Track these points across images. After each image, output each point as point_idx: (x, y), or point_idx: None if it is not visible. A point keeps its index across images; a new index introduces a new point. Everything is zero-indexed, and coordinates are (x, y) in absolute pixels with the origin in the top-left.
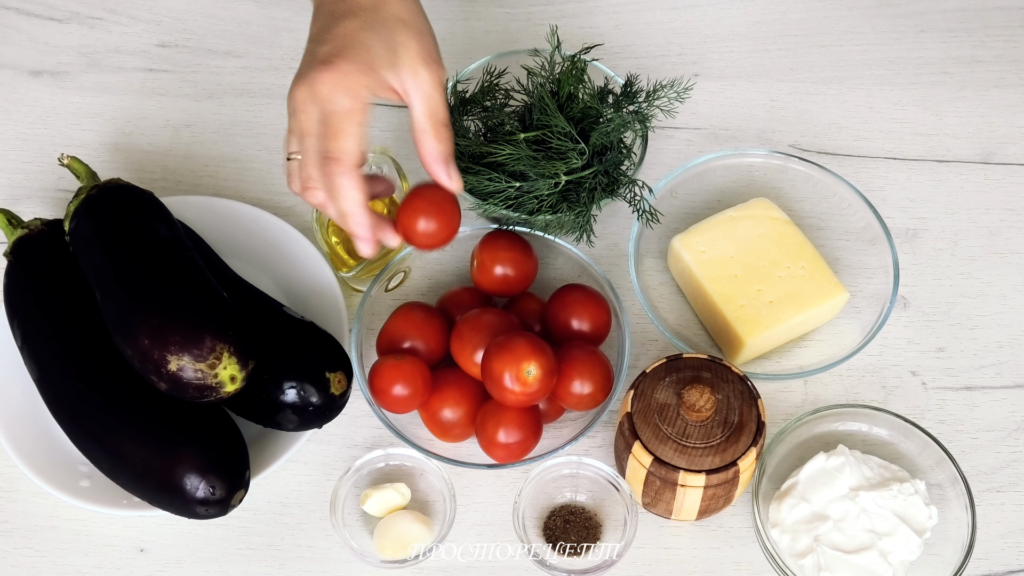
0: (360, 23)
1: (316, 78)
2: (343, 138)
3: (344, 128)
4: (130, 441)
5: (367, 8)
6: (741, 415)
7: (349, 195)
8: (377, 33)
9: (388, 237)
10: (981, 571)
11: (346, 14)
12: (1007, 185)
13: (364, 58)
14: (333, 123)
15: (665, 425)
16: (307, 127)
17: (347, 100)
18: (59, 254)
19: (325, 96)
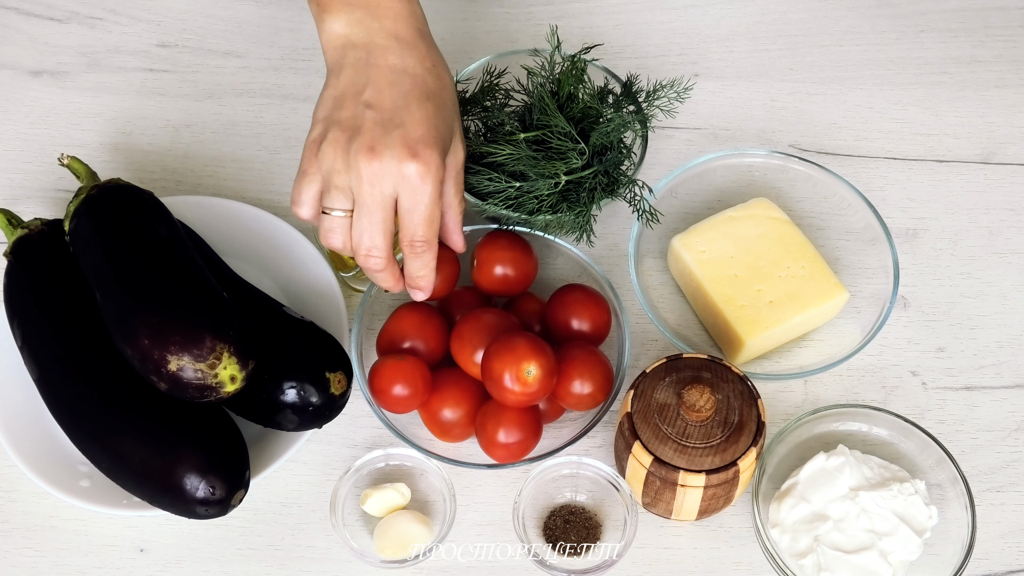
0: (435, 107)
1: (407, 167)
2: (436, 223)
3: (435, 213)
4: (130, 441)
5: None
6: (741, 415)
7: (431, 264)
8: (446, 119)
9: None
10: (981, 571)
11: (420, 95)
12: (1007, 185)
13: (444, 145)
14: (426, 212)
15: (665, 425)
16: (379, 201)
17: (435, 188)
18: (59, 254)
19: (416, 186)
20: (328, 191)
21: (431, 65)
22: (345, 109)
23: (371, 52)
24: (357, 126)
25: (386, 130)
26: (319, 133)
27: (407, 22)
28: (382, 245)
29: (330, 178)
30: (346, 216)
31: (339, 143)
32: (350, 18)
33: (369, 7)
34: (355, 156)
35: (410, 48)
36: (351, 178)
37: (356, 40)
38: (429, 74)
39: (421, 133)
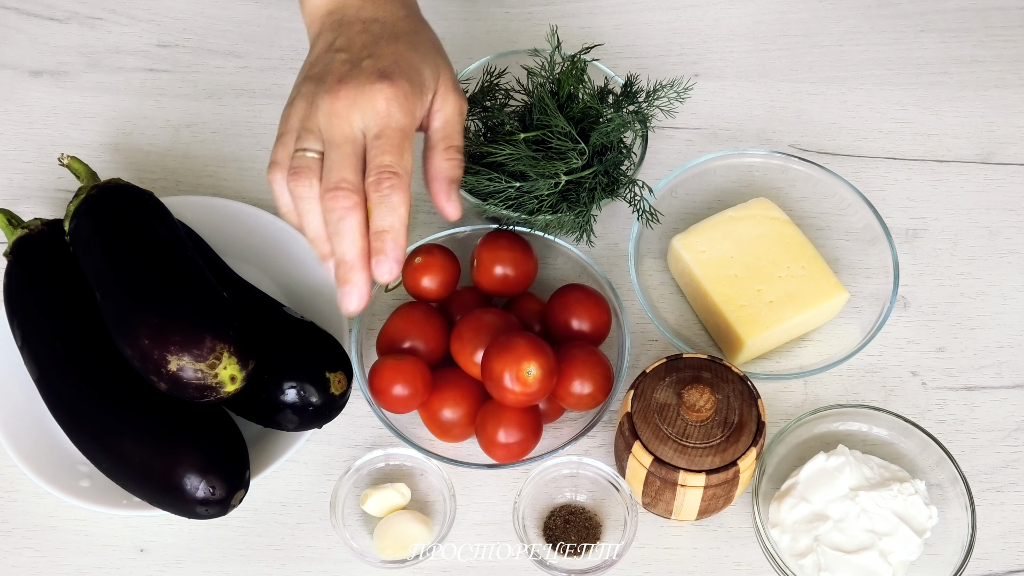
0: (407, 45)
1: (373, 89)
2: (406, 154)
3: (405, 145)
4: (130, 441)
5: (407, 32)
6: (741, 415)
7: (400, 211)
8: (424, 57)
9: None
10: (981, 571)
11: (390, 35)
12: (1007, 185)
13: (418, 80)
14: (394, 138)
15: (665, 425)
16: (346, 133)
17: (406, 118)
18: (59, 254)
19: (382, 109)
20: (299, 137)
21: (405, 14)
22: (317, 64)
23: (345, 13)
24: (324, 71)
25: (352, 64)
26: (293, 95)
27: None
28: (351, 179)
29: (300, 124)
30: (316, 156)
31: (309, 93)
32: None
33: None
34: (321, 96)
35: (384, 3)
36: (319, 117)
37: (333, 7)
38: (402, 20)
39: (389, 63)
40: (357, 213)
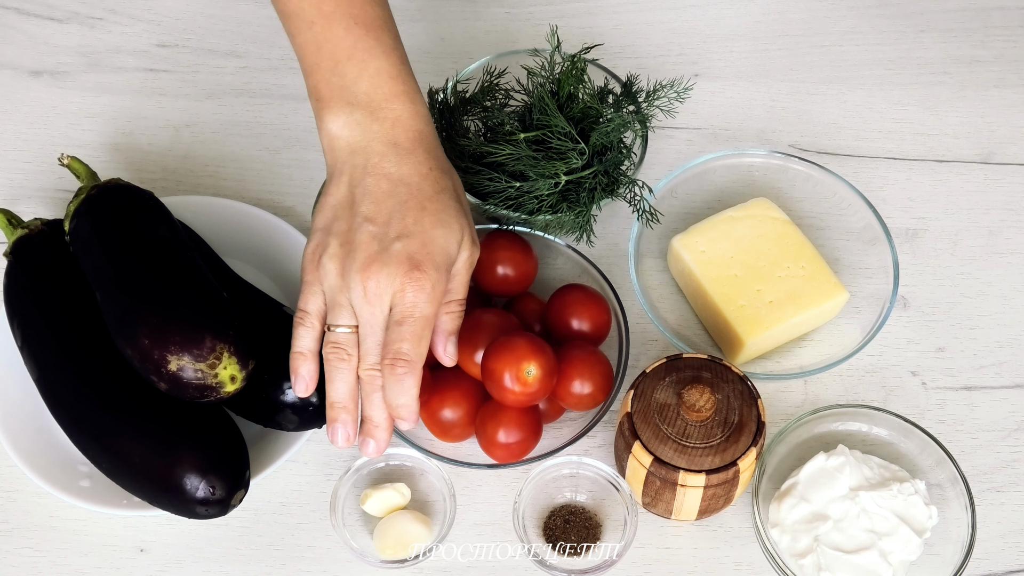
0: (433, 219)
1: (404, 279)
2: (423, 342)
3: (424, 334)
4: (130, 441)
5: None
6: (741, 415)
7: (412, 391)
8: (449, 228)
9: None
10: (981, 571)
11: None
12: (1007, 185)
13: (444, 263)
14: (415, 328)
15: (665, 425)
16: (378, 319)
17: (430, 307)
18: (59, 254)
19: (410, 301)
20: (332, 308)
21: (427, 171)
22: (342, 220)
23: (368, 159)
24: (354, 241)
25: (382, 245)
26: (318, 243)
27: (406, 127)
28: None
29: (333, 295)
30: (352, 332)
31: (338, 257)
32: (349, 119)
33: (370, 108)
34: (353, 275)
35: (407, 155)
36: (351, 296)
37: (355, 145)
38: (425, 181)
39: (418, 245)
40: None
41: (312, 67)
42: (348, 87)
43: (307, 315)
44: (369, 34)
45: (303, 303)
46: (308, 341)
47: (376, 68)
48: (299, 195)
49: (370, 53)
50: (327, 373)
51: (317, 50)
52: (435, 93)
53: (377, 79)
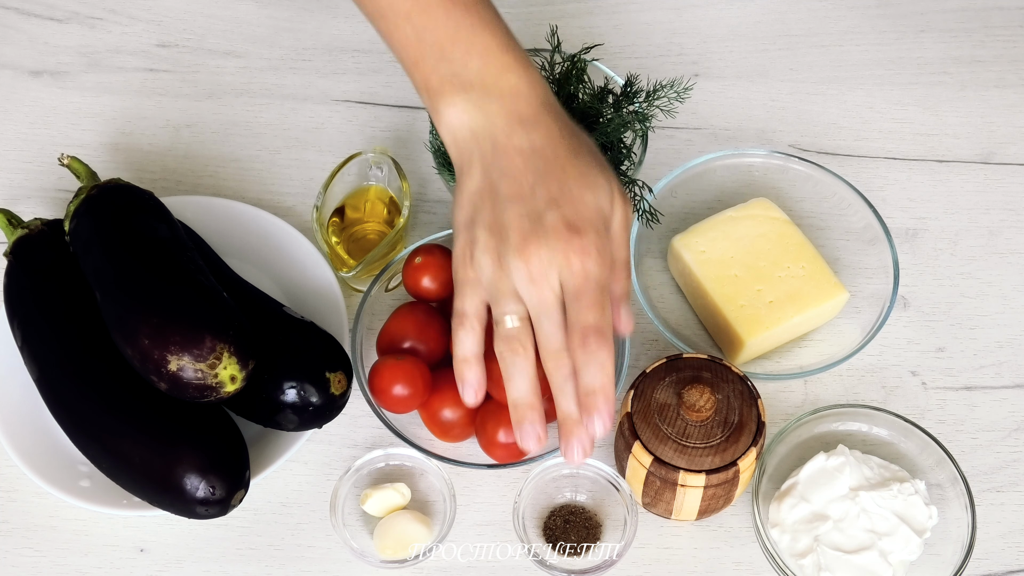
0: (577, 180)
1: (566, 248)
2: (606, 308)
3: (604, 299)
4: (130, 441)
5: (569, 156)
6: (741, 415)
7: (607, 367)
8: (595, 185)
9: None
10: (981, 571)
11: (558, 170)
12: (1007, 185)
13: (601, 221)
14: (594, 295)
15: (665, 425)
16: (550, 298)
17: (601, 270)
18: (59, 254)
19: (579, 268)
20: (496, 300)
21: (558, 136)
22: (485, 209)
23: (495, 139)
24: (503, 225)
25: (534, 220)
26: (465, 241)
27: (526, 97)
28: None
29: (493, 287)
30: (522, 322)
31: (490, 247)
32: (466, 103)
33: (485, 87)
34: (511, 259)
35: (534, 125)
36: (515, 281)
37: (477, 129)
38: (559, 146)
39: (570, 212)
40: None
41: (416, 61)
42: (458, 71)
43: (465, 316)
44: (469, 13)
45: (459, 304)
46: (471, 345)
47: (483, 45)
48: (299, 195)
49: (473, 31)
50: (504, 371)
51: (419, 41)
52: None
53: (486, 55)
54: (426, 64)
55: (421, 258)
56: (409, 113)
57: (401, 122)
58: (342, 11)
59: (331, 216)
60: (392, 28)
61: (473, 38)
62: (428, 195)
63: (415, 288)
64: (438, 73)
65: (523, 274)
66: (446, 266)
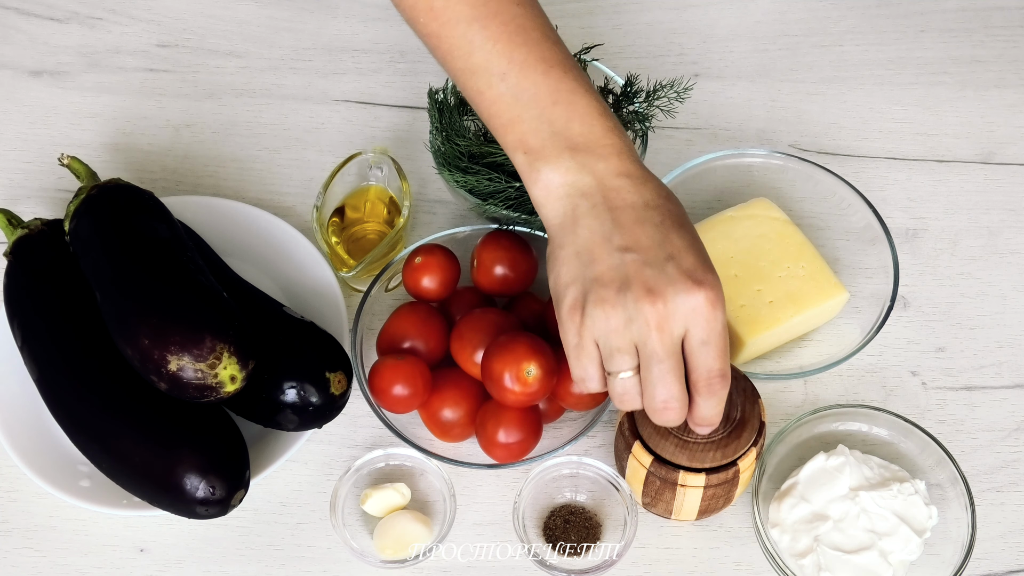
0: (690, 233)
1: (694, 298)
2: (727, 353)
3: (727, 346)
4: (130, 441)
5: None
6: (743, 411)
7: (724, 398)
8: (701, 243)
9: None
10: (981, 571)
11: (672, 223)
12: (1007, 185)
13: (714, 269)
14: (720, 344)
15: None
16: (669, 347)
17: (724, 317)
18: (59, 254)
19: (706, 316)
20: (610, 356)
21: (667, 193)
22: (596, 262)
23: (606, 196)
24: (623, 276)
25: (657, 269)
26: (576, 297)
27: (631, 158)
28: (678, 394)
29: (608, 341)
30: (635, 375)
31: (607, 301)
32: (572, 163)
33: (590, 148)
34: (635, 306)
35: (643, 182)
36: (634, 331)
37: (583, 187)
38: (669, 201)
39: (693, 260)
40: (683, 415)
41: (512, 120)
42: (560, 132)
43: (587, 382)
44: (567, 75)
45: (580, 368)
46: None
47: (584, 107)
48: (299, 195)
49: (573, 94)
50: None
51: (515, 101)
52: (435, 93)
53: (588, 118)
54: (524, 123)
55: (421, 258)
56: (409, 113)
57: (401, 122)
58: (342, 11)
59: (331, 216)
60: (484, 87)
61: (574, 100)
62: (428, 195)
63: (415, 288)
64: (538, 134)
65: (650, 320)
66: (446, 266)
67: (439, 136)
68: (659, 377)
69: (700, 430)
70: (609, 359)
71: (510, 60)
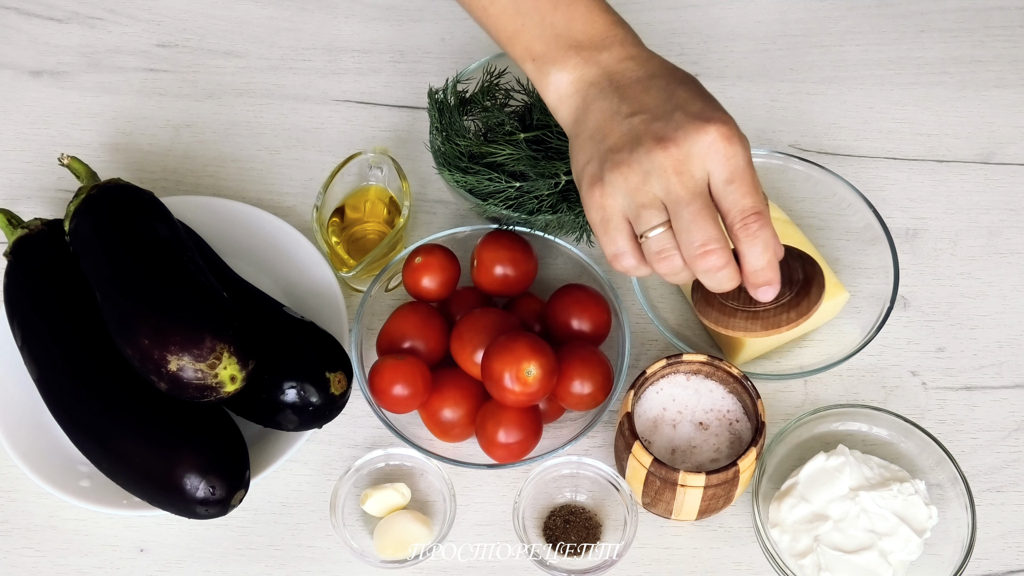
0: (697, 86)
1: (707, 133)
2: (760, 188)
3: (756, 180)
4: (130, 441)
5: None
6: (805, 273)
7: (772, 243)
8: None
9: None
10: (981, 571)
11: (678, 81)
12: (1007, 185)
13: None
14: (747, 178)
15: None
16: (692, 188)
17: (747, 151)
18: (59, 254)
19: (724, 151)
20: (637, 216)
21: (673, 67)
22: (610, 135)
23: (611, 79)
24: (633, 136)
25: (665, 120)
26: (593, 172)
27: (633, 43)
28: (716, 234)
29: (633, 201)
30: (667, 229)
31: (622, 162)
32: (577, 61)
33: (593, 43)
34: (648, 157)
35: (648, 59)
36: (653, 184)
37: (591, 78)
38: (676, 69)
39: (700, 104)
40: (731, 265)
41: (516, 32)
42: (563, 34)
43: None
44: None
45: (610, 242)
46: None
47: (585, 7)
48: (299, 195)
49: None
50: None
51: (516, 13)
52: (435, 93)
53: (589, 16)
54: (527, 33)
55: (421, 258)
56: (409, 113)
57: (401, 122)
58: (342, 11)
59: (331, 216)
60: (488, 3)
61: (573, 3)
62: (428, 195)
63: (415, 288)
64: (543, 40)
65: (666, 165)
66: (446, 266)
67: (439, 136)
68: (691, 219)
69: (762, 294)
70: (637, 219)
71: None
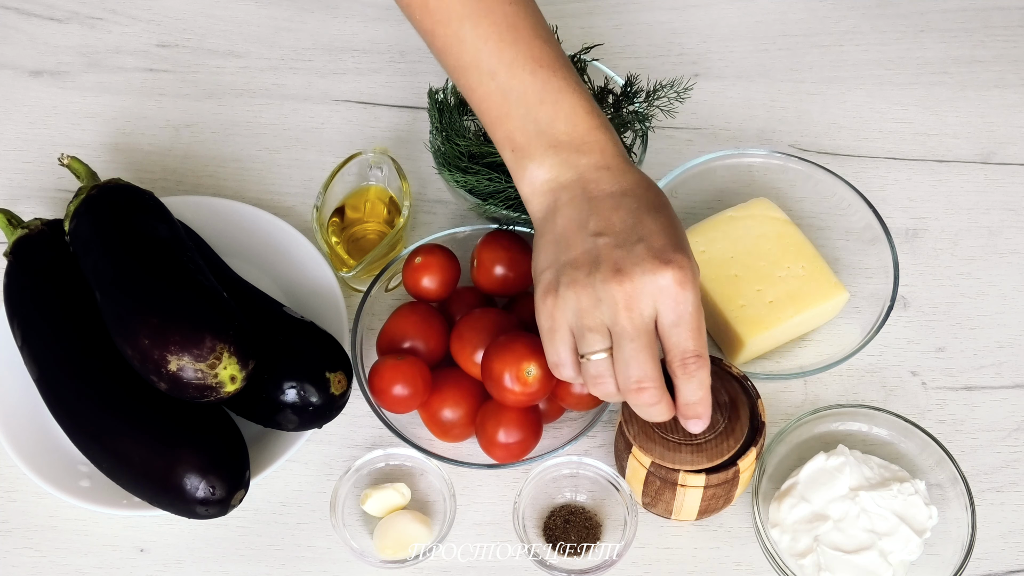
0: (666, 217)
1: (662, 276)
2: (703, 333)
3: (701, 325)
4: (130, 441)
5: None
6: (734, 409)
7: (707, 383)
8: (680, 229)
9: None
10: (981, 571)
11: (647, 208)
12: (1007, 185)
13: (690, 251)
14: (692, 323)
15: (659, 428)
16: (639, 325)
17: (696, 297)
18: (59, 254)
19: (674, 296)
20: (582, 336)
21: (648, 184)
22: (572, 248)
23: (585, 187)
24: (593, 258)
25: (627, 250)
26: (549, 281)
27: (613, 152)
28: (653, 374)
29: (580, 322)
30: (608, 355)
31: (578, 282)
32: (555, 160)
33: (573, 145)
34: (603, 286)
35: (623, 173)
36: (603, 311)
37: (565, 181)
38: (649, 192)
39: (664, 241)
40: (663, 401)
41: (501, 117)
42: (545, 130)
43: (560, 367)
44: (555, 75)
45: (553, 352)
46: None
47: (570, 106)
48: (299, 195)
49: (560, 93)
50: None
51: (504, 99)
52: (435, 93)
53: (573, 117)
54: (511, 121)
55: (421, 258)
56: (409, 113)
57: (401, 122)
58: (342, 11)
59: (331, 216)
60: (475, 83)
61: (560, 100)
62: (428, 195)
63: (415, 288)
64: (525, 131)
65: (617, 299)
66: (446, 266)
67: (439, 136)
68: (631, 355)
69: (692, 426)
70: (581, 340)
71: (499, 59)
